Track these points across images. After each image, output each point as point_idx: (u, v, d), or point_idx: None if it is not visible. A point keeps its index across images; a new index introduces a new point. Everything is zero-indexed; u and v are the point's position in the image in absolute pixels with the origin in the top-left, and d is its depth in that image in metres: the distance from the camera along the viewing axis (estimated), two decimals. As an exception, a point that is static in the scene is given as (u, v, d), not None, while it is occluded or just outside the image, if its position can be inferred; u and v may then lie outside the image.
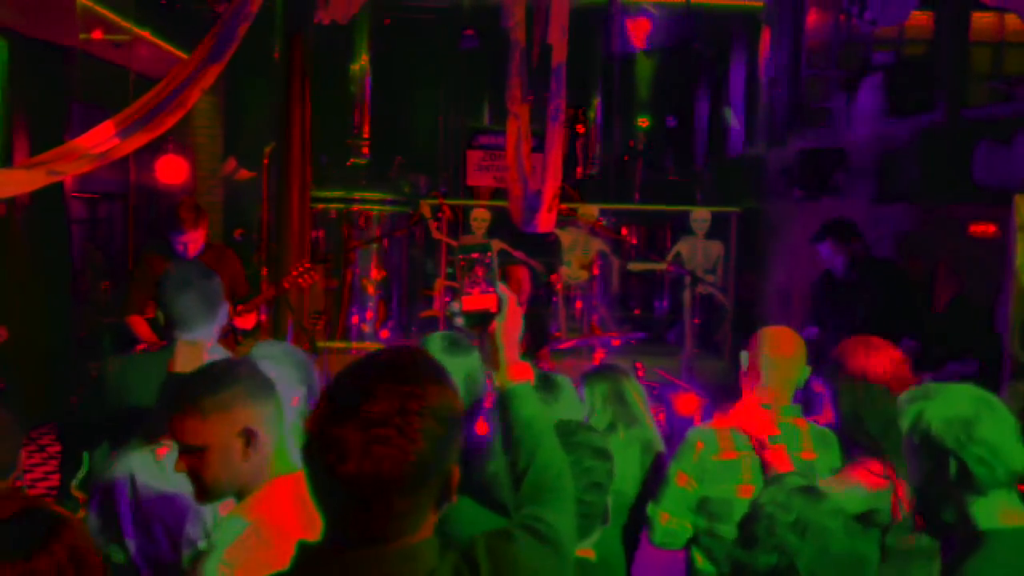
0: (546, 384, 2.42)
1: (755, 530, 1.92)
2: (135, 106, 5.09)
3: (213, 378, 1.93)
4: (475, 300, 1.73)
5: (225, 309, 2.89)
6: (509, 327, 1.76)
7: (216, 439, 1.88)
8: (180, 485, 2.24)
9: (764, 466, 2.63)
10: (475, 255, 1.72)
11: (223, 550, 1.81)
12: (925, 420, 1.98)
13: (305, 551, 1.37)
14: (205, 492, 1.92)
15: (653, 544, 2.77)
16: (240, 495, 1.93)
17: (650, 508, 2.74)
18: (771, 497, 1.97)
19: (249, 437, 1.90)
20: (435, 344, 2.54)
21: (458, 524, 1.91)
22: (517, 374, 1.77)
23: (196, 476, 1.90)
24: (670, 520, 2.70)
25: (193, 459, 1.89)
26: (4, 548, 1.61)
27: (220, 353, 2.44)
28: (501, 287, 1.75)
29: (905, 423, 2.04)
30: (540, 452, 1.68)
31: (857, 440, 2.67)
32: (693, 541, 2.74)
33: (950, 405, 1.99)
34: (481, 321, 1.75)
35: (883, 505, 2.56)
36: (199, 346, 2.65)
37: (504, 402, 1.75)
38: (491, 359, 1.77)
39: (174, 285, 2.77)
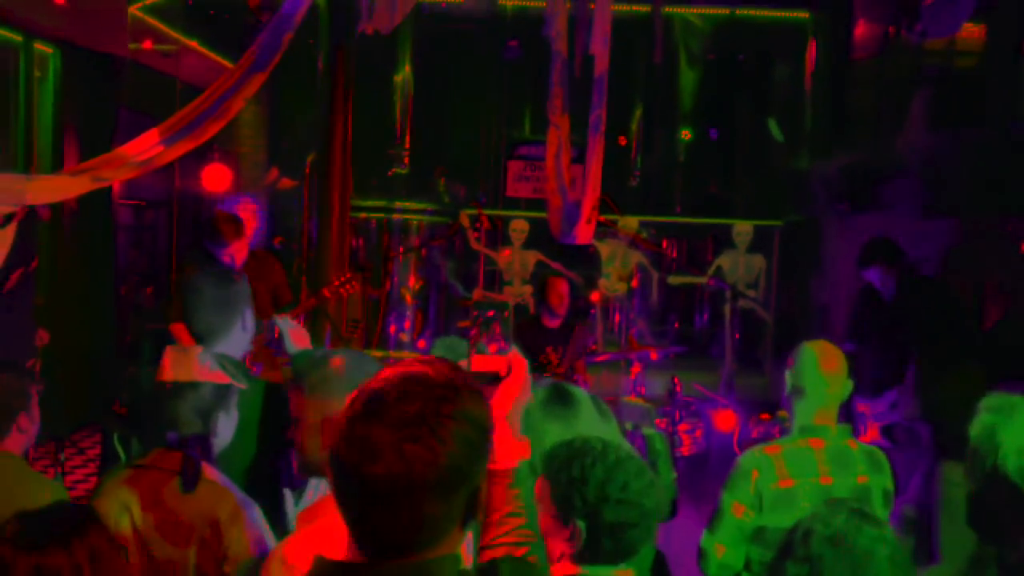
0: (563, 397, 2.34)
1: (792, 539, 1.86)
2: (179, 115, 5.14)
3: (320, 360, 2.10)
4: (484, 361, 1.62)
5: (249, 316, 2.84)
6: (514, 393, 1.63)
7: (309, 415, 2.02)
8: (186, 506, 2.21)
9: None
10: (491, 313, 1.66)
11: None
12: (996, 439, 1.88)
13: (321, 565, 1.33)
14: (302, 465, 2.07)
15: None
16: None
17: (705, 539, 2.67)
18: (817, 512, 1.90)
19: None
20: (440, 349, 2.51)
21: None
22: (514, 454, 1.62)
23: (298, 448, 2.07)
24: (727, 552, 2.63)
25: (295, 431, 2.07)
26: (24, 539, 1.62)
27: (210, 361, 2.38)
28: (514, 351, 1.64)
29: (975, 430, 1.94)
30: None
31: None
32: (745, 567, 2.68)
33: None
34: (487, 384, 1.63)
35: None
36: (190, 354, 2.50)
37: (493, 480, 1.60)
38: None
39: (190, 300, 2.73)
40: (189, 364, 2.32)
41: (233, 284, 2.85)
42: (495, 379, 1.62)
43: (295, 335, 3.00)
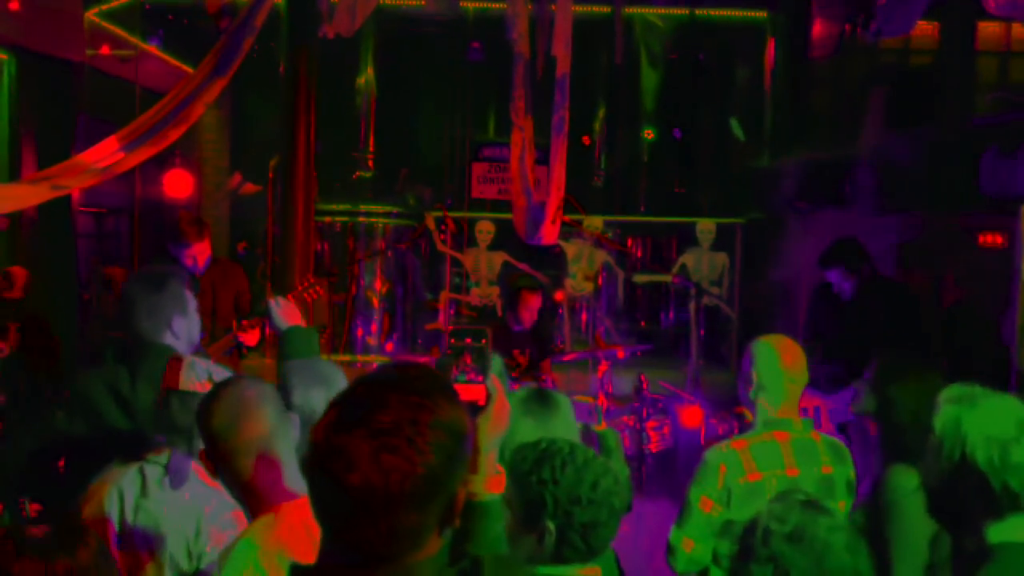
0: (542, 400, 2.35)
1: (751, 541, 1.89)
2: (138, 121, 5.11)
3: (217, 392, 2.02)
4: (463, 390, 1.56)
5: (180, 324, 2.79)
6: (495, 424, 1.60)
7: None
8: (171, 504, 2.27)
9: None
10: (468, 340, 1.61)
11: None
12: (962, 430, 1.91)
13: (297, 573, 1.33)
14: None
15: (675, 571, 2.72)
16: (252, 511, 1.95)
17: (673, 535, 2.69)
18: (770, 509, 1.94)
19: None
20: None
21: None
22: (493, 485, 1.60)
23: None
24: (695, 547, 2.65)
25: (209, 465, 1.98)
26: (28, 547, 1.65)
27: (200, 366, 2.41)
28: (493, 379, 1.60)
29: (938, 423, 1.97)
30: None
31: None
32: (712, 561, 2.70)
33: (992, 421, 1.91)
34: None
35: None
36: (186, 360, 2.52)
37: (471, 514, 1.56)
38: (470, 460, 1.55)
39: (121, 308, 2.72)
40: (176, 374, 2.36)
41: (165, 288, 2.77)
42: (474, 408, 1.58)
43: (285, 313, 2.96)
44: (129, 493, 2.28)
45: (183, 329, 2.78)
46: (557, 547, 1.87)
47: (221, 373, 2.40)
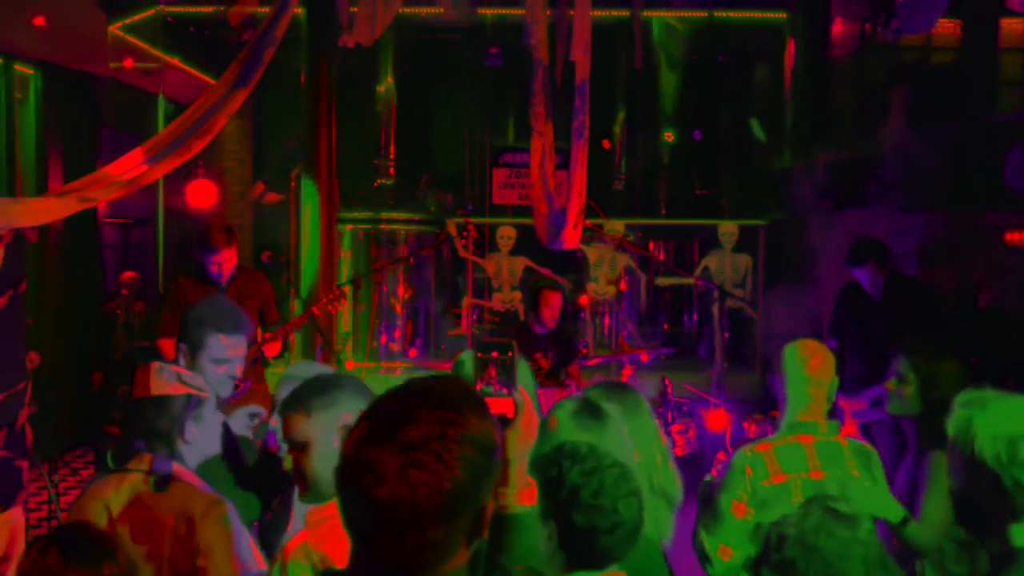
0: (593, 413, 2.27)
1: (768, 545, 1.88)
2: (163, 133, 5.16)
3: (321, 382, 2.17)
4: (491, 403, 1.51)
5: (190, 350, 2.94)
6: (523, 436, 1.57)
7: (318, 435, 2.08)
8: (159, 508, 2.31)
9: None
10: (494, 353, 1.55)
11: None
12: (972, 430, 1.91)
13: None
14: (306, 487, 2.10)
15: None
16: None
17: (707, 542, 2.68)
18: (794, 515, 1.92)
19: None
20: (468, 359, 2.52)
21: None
22: (524, 497, 1.58)
23: (300, 470, 2.10)
24: (734, 554, 2.63)
25: (299, 454, 2.10)
26: (75, 553, 1.69)
27: (167, 374, 2.46)
28: (520, 391, 1.57)
29: (951, 426, 1.96)
30: None
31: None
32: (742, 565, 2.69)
33: (1001, 419, 1.90)
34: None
35: None
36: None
37: (502, 527, 1.54)
38: (500, 474, 1.49)
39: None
40: (147, 380, 2.43)
41: (195, 321, 2.96)
42: (502, 420, 1.54)
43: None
44: (115, 504, 2.31)
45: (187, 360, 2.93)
46: (561, 549, 1.85)
47: (189, 376, 2.47)
